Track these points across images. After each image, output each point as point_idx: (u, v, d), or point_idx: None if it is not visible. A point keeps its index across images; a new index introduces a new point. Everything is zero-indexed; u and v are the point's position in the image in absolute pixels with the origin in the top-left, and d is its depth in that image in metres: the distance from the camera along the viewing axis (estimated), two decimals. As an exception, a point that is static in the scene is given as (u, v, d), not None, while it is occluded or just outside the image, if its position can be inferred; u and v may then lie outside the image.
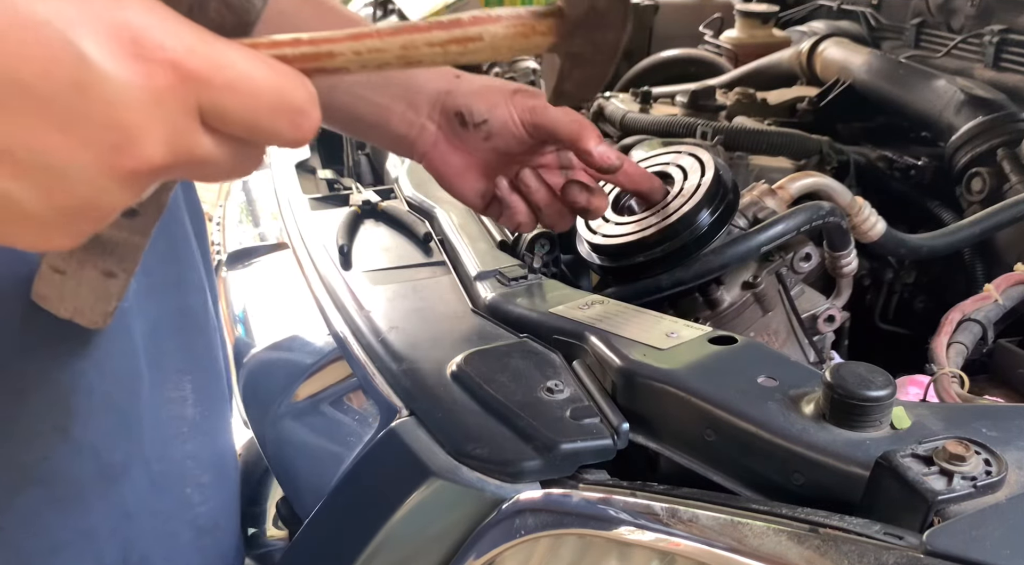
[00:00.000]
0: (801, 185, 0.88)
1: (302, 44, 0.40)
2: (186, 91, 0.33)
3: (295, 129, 0.37)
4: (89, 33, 0.31)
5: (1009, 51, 1.22)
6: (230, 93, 0.34)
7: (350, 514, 0.64)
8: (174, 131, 0.33)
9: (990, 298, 0.81)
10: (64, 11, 0.30)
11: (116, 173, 0.33)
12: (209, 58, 0.34)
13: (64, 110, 0.31)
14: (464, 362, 0.64)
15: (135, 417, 0.62)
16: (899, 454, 0.45)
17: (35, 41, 0.30)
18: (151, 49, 0.32)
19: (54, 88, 0.30)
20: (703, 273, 0.78)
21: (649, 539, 0.48)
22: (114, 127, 0.32)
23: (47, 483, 0.57)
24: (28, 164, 0.31)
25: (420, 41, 0.41)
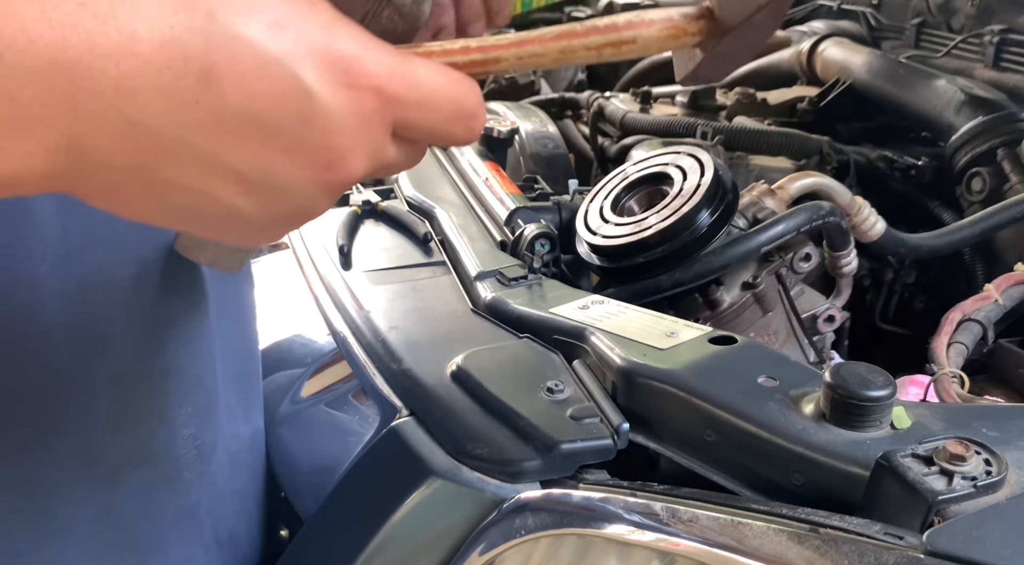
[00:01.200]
0: (801, 185, 0.88)
1: (472, 51, 0.42)
2: (386, 111, 0.37)
3: (468, 132, 0.41)
4: (311, 68, 0.34)
5: (1009, 51, 1.22)
6: (421, 109, 0.38)
7: (350, 514, 0.64)
8: (374, 147, 0.38)
9: (990, 298, 0.81)
10: (291, 48, 0.34)
11: (327, 187, 0.37)
12: (405, 79, 0.37)
13: (291, 137, 0.35)
14: (464, 362, 0.63)
15: (215, 396, 0.66)
16: (899, 454, 0.45)
17: (269, 78, 0.34)
18: (359, 77, 0.36)
19: (283, 119, 0.35)
20: (703, 273, 0.78)
21: (649, 539, 0.48)
22: (329, 149, 0.36)
23: (152, 463, 0.60)
24: (258, 183, 0.36)
25: (578, 45, 0.43)
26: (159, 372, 0.60)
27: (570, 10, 1.87)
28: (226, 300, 0.69)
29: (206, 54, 0.33)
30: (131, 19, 0.31)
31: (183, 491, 0.63)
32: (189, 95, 0.33)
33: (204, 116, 0.33)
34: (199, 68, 0.33)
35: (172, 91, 0.32)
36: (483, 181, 0.97)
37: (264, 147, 0.35)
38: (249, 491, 0.73)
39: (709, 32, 0.45)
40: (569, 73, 1.72)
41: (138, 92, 0.32)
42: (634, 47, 0.44)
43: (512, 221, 0.86)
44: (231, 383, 0.69)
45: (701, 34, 0.45)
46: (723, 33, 0.45)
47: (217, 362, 0.66)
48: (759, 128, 1.18)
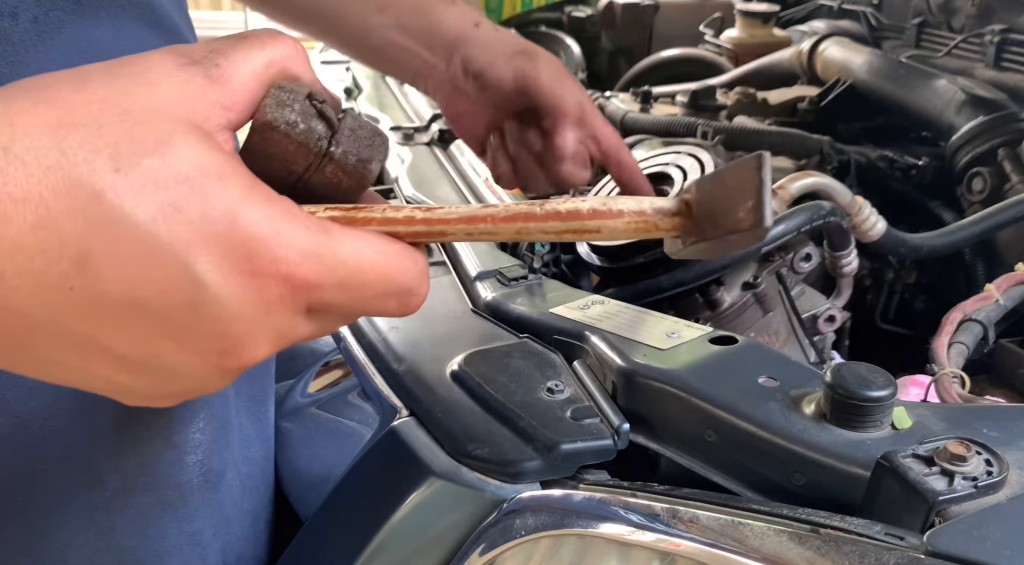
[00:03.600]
0: (801, 185, 0.88)
1: (415, 223, 0.40)
2: (296, 297, 0.35)
3: (402, 307, 0.39)
4: (205, 255, 0.32)
5: (1010, 51, 1.22)
6: (340, 290, 0.36)
7: (350, 514, 0.64)
8: (280, 331, 0.35)
9: (991, 298, 0.81)
10: (184, 235, 0.32)
11: (222, 371, 0.36)
12: (323, 261, 0.35)
13: (179, 325, 0.33)
14: (464, 362, 0.63)
15: (227, 420, 0.63)
16: (900, 454, 0.45)
17: (156, 265, 0.31)
18: (263, 264, 0.33)
19: (170, 306, 0.32)
20: (703, 274, 0.78)
21: (649, 539, 0.48)
22: (224, 337, 0.34)
23: (154, 488, 0.57)
24: (143, 366, 0.34)
25: (534, 229, 0.41)
26: None
27: (570, 10, 1.87)
28: None
29: (84, 239, 0.30)
30: (1, 198, 0.29)
31: (187, 517, 0.60)
32: (62, 281, 0.31)
33: (79, 302, 0.31)
34: (75, 253, 0.30)
35: (43, 276, 0.30)
36: (483, 181, 0.97)
37: (149, 333, 0.33)
38: (260, 513, 0.71)
39: (684, 230, 0.42)
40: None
41: (3, 275, 0.30)
42: (598, 236, 0.41)
43: (512, 221, 0.86)
44: (244, 405, 0.67)
45: (675, 231, 0.42)
46: (699, 238, 0.41)
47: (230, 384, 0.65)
48: (759, 128, 1.18)
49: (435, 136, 1.16)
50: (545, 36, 1.79)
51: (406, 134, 1.18)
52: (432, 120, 1.21)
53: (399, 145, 1.16)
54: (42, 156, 0.30)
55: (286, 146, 0.38)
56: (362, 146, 0.40)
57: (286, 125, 0.37)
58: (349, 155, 0.39)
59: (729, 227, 0.40)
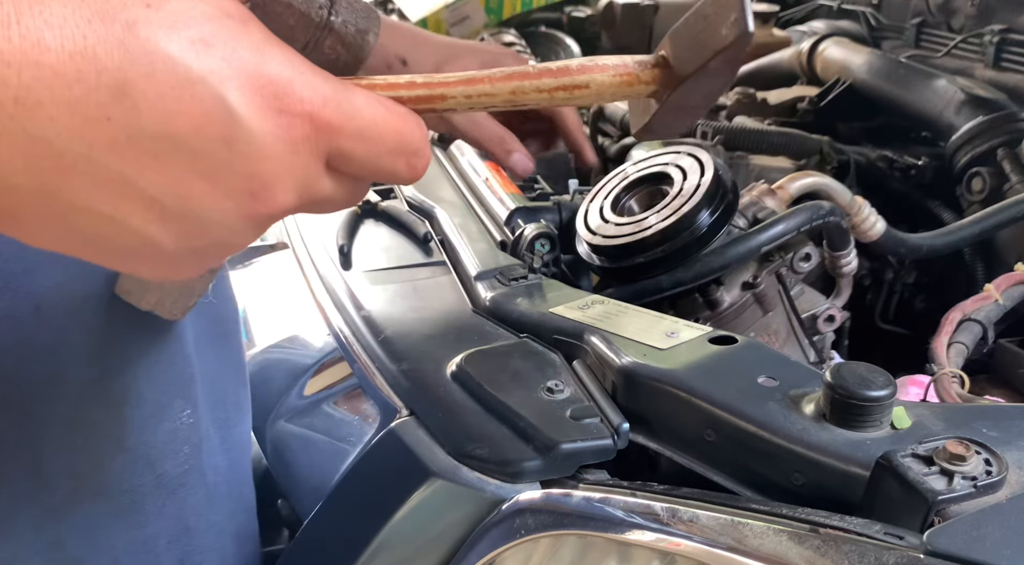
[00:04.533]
0: (801, 185, 0.88)
1: (417, 87, 0.41)
2: (319, 140, 0.35)
3: (410, 169, 0.39)
4: (238, 89, 0.32)
5: (1009, 51, 1.22)
6: (358, 140, 0.36)
7: (350, 514, 0.64)
8: (305, 178, 0.36)
9: (990, 298, 0.81)
10: (217, 68, 0.32)
11: (250, 218, 0.35)
12: (341, 107, 0.35)
13: (212, 162, 0.33)
14: (464, 362, 0.63)
15: (191, 427, 0.61)
16: (899, 454, 0.45)
17: (191, 98, 0.31)
18: (291, 102, 0.34)
19: (204, 142, 0.32)
20: (703, 273, 0.78)
21: (649, 539, 0.48)
22: (254, 176, 0.34)
23: (104, 493, 0.56)
24: (174, 211, 0.33)
25: (529, 87, 0.42)
26: (118, 398, 0.56)
27: (570, 10, 1.87)
28: (206, 323, 0.65)
29: (121, 68, 0.30)
30: (38, 25, 0.29)
31: (139, 524, 0.59)
32: (100, 111, 0.30)
33: (116, 135, 0.31)
34: (112, 83, 0.30)
35: (81, 106, 0.30)
36: (483, 181, 0.97)
37: (183, 172, 0.32)
38: (226, 526, 0.68)
39: (664, 81, 0.44)
40: (569, 73, 1.72)
41: (42, 105, 0.29)
42: (587, 92, 0.43)
43: (512, 221, 0.86)
44: (209, 411, 0.65)
45: (655, 83, 0.45)
46: (678, 82, 0.44)
47: (196, 389, 0.62)
48: (759, 128, 1.18)
49: (435, 136, 1.16)
50: (545, 36, 1.79)
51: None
52: (432, 120, 1.21)
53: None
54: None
55: (287, 19, 0.38)
56: (359, 17, 0.40)
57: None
58: (348, 24, 0.40)
59: (715, 47, 0.42)
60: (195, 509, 0.63)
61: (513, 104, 0.43)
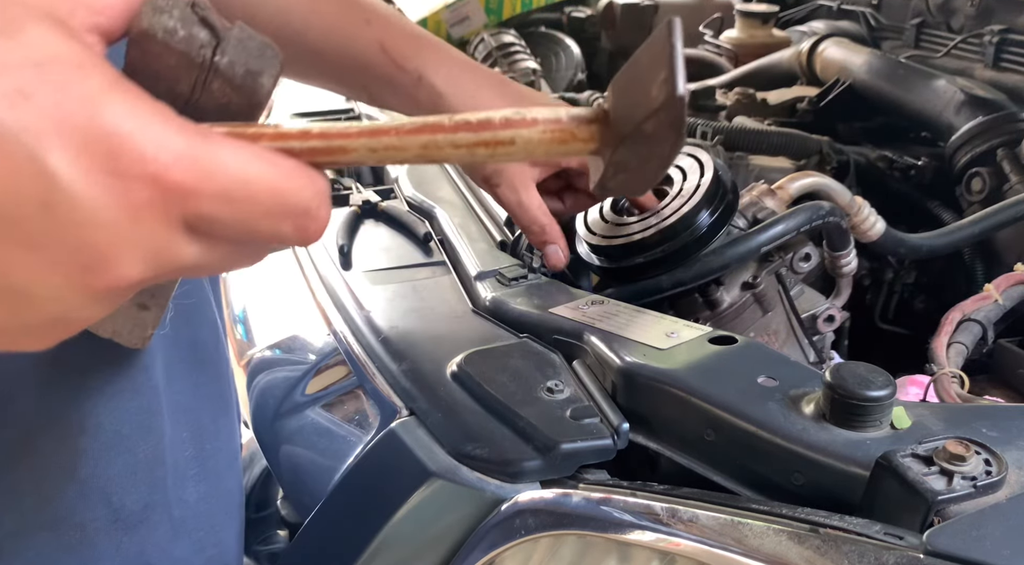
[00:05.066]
0: (801, 185, 0.88)
1: (311, 138, 0.36)
2: (168, 205, 0.30)
3: (300, 232, 0.34)
4: (59, 148, 0.28)
5: (1009, 51, 1.22)
6: (222, 202, 0.31)
7: (350, 514, 0.64)
8: (154, 247, 0.30)
9: (990, 298, 0.81)
10: (33, 123, 0.28)
11: (88, 292, 0.30)
12: (197, 165, 0.30)
13: (31, 230, 0.28)
14: (464, 362, 0.64)
15: (155, 460, 0.58)
16: (899, 454, 0.45)
17: (3, 157, 0.27)
18: (129, 162, 0.29)
19: (20, 207, 0.28)
20: (703, 274, 0.78)
21: (649, 539, 0.48)
22: (85, 248, 0.29)
23: (53, 527, 0.53)
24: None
25: (443, 142, 0.37)
26: (73, 428, 0.52)
27: (570, 10, 1.87)
28: (180, 352, 0.61)
29: None
30: None
31: (92, 560, 0.55)
32: None
33: None
34: None
35: None
36: (483, 181, 0.97)
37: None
38: (193, 560, 0.64)
39: (603, 139, 0.39)
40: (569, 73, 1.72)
41: None
42: (513, 149, 0.38)
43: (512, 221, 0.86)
44: (179, 443, 0.61)
45: (594, 141, 0.39)
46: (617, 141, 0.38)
47: (163, 421, 0.58)
48: (759, 128, 1.18)
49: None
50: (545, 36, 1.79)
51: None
52: (432, 120, 1.20)
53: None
54: None
55: (167, 59, 0.35)
56: (251, 57, 0.36)
57: (164, 33, 0.34)
58: (236, 65, 0.36)
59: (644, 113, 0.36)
60: (158, 545, 0.59)
61: (427, 159, 0.38)
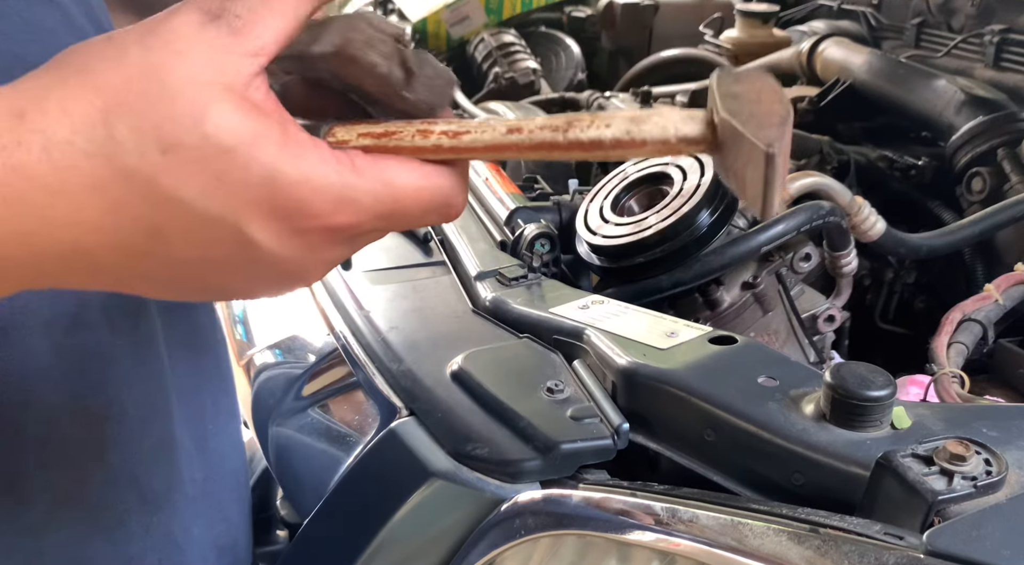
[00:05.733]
0: (801, 185, 0.88)
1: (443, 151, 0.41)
2: (336, 238, 0.39)
3: (444, 219, 0.42)
4: (252, 219, 0.36)
5: (1009, 51, 1.22)
6: (378, 221, 0.39)
7: (350, 514, 0.64)
8: (329, 262, 0.40)
9: (990, 298, 0.81)
10: (230, 203, 0.36)
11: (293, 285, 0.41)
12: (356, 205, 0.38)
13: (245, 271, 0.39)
14: (464, 362, 0.63)
15: (170, 442, 0.62)
16: (899, 454, 0.45)
17: (214, 231, 0.36)
18: (304, 220, 0.37)
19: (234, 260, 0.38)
20: (703, 273, 0.78)
21: (649, 539, 0.48)
22: (283, 275, 0.39)
23: (86, 508, 0.56)
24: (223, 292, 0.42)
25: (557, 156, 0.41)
26: (98, 415, 0.56)
27: (570, 10, 1.88)
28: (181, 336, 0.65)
29: (150, 216, 0.35)
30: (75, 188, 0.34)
31: (123, 540, 0.58)
32: (142, 249, 0.36)
33: (160, 262, 0.37)
34: (146, 227, 0.36)
35: (124, 248, 0.36)
36: (483, 181, 0.97)
37: (223, 277, 0.39)
38: (205, 538, 0.67)
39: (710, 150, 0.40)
40: (569, 73, 1.72)
41: (91, 251, 0.35)
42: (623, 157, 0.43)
43: (512, 221, 0.86)
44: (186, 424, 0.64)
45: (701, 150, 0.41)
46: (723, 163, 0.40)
47: (171, 403, 0.62)
48: (759, 128, 1.18)
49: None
50: (545, 36, 1.79)
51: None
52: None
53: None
54: (100, 146, 0.34)
55: (363, 78, 0.41)
56: (434, 94, 0.42)
57: (369, 64, 0.40)
58: (420, 102, 0.41)
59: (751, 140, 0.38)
60: (181, 524, 0.63)
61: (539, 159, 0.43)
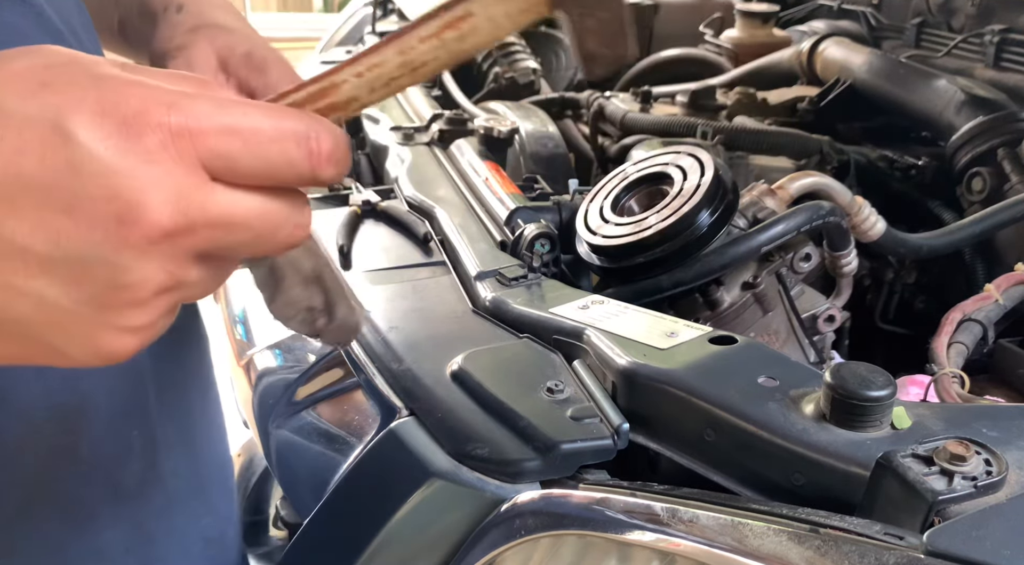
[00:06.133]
0: (801, 185, 0.88)
1: (305, 86, 0.39)
2: (179, 146, 0.33)
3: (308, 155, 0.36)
4: (75, 113, 0.32)
5: (1009, 51, 1.22)
6: (228, 136, 0.34)
7: (350, 514, 0.64)
8: (176, 189, 0.33)
9: (991, 298, 0.81)
10: (53, 101, 0.32)
11: (128, 245, 0.33)
12: (195, 106, 0.34)
13: (66, 193, 0.32)
14: (464, 362, 0.63)
15: (147, 435, 0.61)
16: (899, 454, 0.45)
17: (30, 134, 0.32)
18: (132, 113, 0.33)
19: (51, 174, 0.32)
20: (703, 273, 0.78)
21: (649, 539, 0.48)
22: (112, 198, 0.32)
23: (56, 502, 0.56)
24: (48, 257, 0.32)
25: (413, 39, 0.38)
26: (73, 412, 0.55)
27: (570, 10, 1.87)
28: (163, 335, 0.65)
29: None
30: None
31: (93, 531, 0.58)
32: None
33: None
34: None
35: None
36: (483, 181, 0.97)
37: (41, 211, 0.32)
38: (190, 529, 0.67)
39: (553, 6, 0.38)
40: (569, 73, 1.72)
41: None
42: (476, 22, 0.38)
43: (512, 221, 0.86)
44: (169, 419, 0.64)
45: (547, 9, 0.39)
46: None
47: (149, 397, 0.61)
48: (759, 128, 1.18)
49: (435, 136, 1.16)
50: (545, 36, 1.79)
51: (406, 134, 1.18)
52: (432, 120, 1.21)
53: (399, 145, 1.16)
54: None
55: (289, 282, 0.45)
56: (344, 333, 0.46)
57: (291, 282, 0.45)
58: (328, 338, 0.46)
59: None
60: (154, 514, 0.63)
61: (410, 68, 0.39)
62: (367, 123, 1.27)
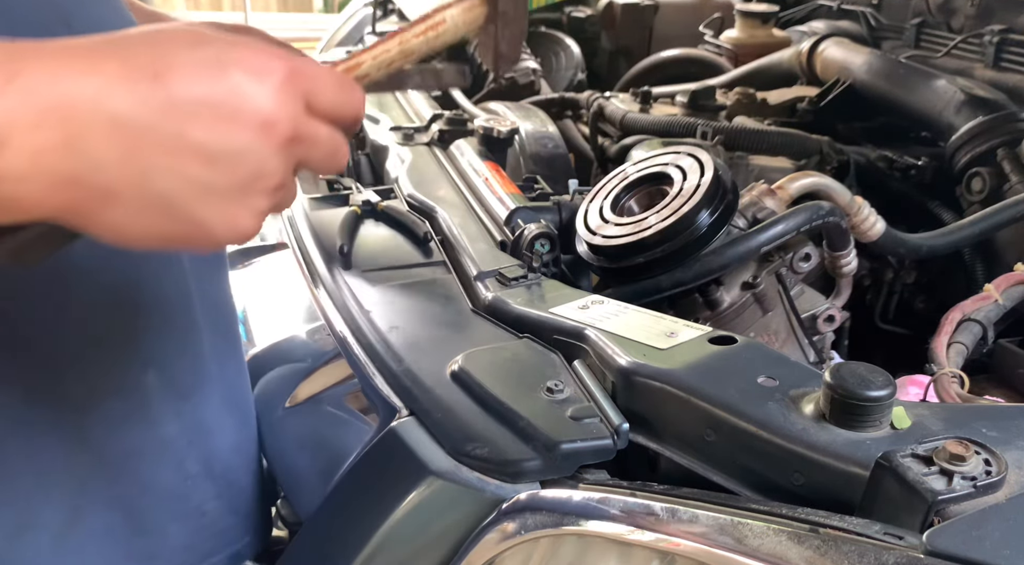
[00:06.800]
0: (801, 185, 0.89)
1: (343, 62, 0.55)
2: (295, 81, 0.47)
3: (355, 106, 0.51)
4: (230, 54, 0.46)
5: (1009, 51, 1.22)
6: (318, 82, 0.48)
7: (350, 514, 0.64)
8: (295, 110, 0.47)
9: (990, 298, 0.81)
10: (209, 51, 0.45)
11: (269, 143, 0.46)
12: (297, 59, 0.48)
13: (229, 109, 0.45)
14: (464, 362, 0.64)
15: (193, 338, 0.70)
16: (899, 454, 0.45)
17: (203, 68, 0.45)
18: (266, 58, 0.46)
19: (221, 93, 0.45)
20: (703, 273, 0.78)
21: (649, 539, 0.48)
22: (258, 111, 0.46)
23: (121, 393, 0.65)
24: (215, 149, 0.45)
25: (409, 35, 0.57)
26: (130, 308, 0.64)
27: (570, 10, 1.88)
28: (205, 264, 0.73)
29: (151, 64, 0.44)
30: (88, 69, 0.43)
31: (156, 422, 0.67)
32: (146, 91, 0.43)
33: (161, 104, 0.43)
34: (150, 74, 0.44)
35: (135, 89, 0.43)
36: (483, 181, 0.97)
37: (214, 120, 0.45)
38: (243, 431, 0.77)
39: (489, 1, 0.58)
40: (569, 73, 1.72)
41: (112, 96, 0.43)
42: (448, 26, 0.58)
43: (512, 221, 0.86)
44: (211, 327, 0.72)
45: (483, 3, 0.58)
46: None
47: (195, 305, 0.70)
48: (759, 128, 1.18)
49: (435, 136, 1.16)
50: (545, 36, 1.79)
51: (406, 134, 1.18)
52: (432, 120, 1.21)
53: (399, 145, 1.16)
54: None
55: None
56: None
57: None
58: None
59: None
60: (213, 414, 0.72)
61: (405, 54, 0.57)
62: (367, 123, 1.27)
